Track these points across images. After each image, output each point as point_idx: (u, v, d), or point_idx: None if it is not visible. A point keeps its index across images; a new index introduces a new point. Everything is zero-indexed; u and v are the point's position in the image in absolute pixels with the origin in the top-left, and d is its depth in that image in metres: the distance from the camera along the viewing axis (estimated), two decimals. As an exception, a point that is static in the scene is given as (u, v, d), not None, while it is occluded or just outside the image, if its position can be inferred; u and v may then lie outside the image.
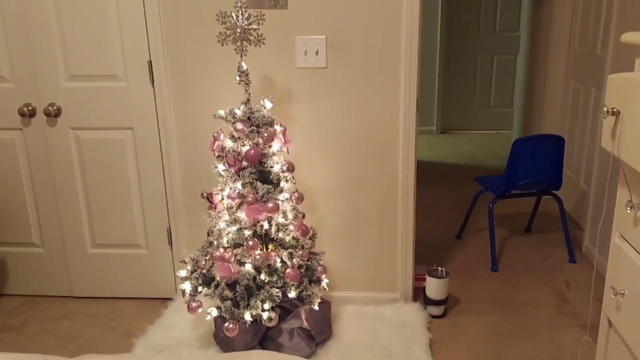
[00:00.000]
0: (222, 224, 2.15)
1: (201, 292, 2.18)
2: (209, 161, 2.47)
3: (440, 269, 2.59)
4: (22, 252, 2.76)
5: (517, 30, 5.80)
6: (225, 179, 2.15)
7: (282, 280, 2.13)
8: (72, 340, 2.45)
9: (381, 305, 2.57)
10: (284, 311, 2.22)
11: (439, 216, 3.78)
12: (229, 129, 2.13)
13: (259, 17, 2.07)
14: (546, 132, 3.90)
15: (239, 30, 2.07)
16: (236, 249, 2.11)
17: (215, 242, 2.16)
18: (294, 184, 2.21)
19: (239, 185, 2.10)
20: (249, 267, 2.10)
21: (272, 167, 2.14)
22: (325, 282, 2.28)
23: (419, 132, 4.60)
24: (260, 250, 2.13)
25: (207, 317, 2.16)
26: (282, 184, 2.15)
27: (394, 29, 2.29)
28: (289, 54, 2.35)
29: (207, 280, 2.18)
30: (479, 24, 5.88)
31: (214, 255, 2.08)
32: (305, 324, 2.21)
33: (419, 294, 2.64)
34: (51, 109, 2.50)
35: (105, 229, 2.68)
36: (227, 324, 2.07)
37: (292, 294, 2.15)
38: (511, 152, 2.92)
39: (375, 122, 2.41)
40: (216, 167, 2.16)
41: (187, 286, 2.17)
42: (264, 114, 2.12)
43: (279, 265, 2.14)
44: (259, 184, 2.09)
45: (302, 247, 2.16)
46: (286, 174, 2.16)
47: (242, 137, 2.10)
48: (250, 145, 2.09)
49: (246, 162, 2.11)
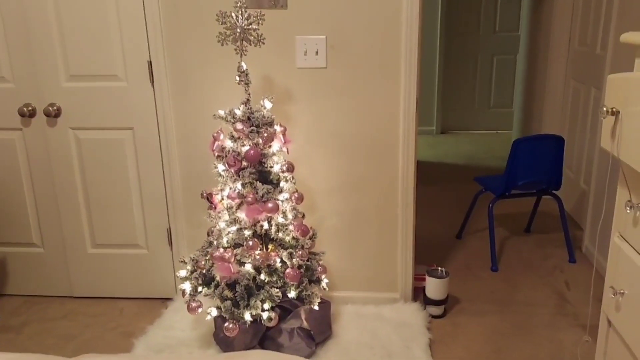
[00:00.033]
0: (222, 224, 2.15)
1: (201, 292, 2.18)
2: (208, 161, 2.47)
3: (440, 269, 2.59)
4: (22, 252, 2.76)
5: (517, 30, 5.80)
6: (225, 179, 2.15)
7: (282, 280, 2.14)
8: (72, 340, 2.45)
9: (381, 305, 2.57)
10: (284, 311, 2.22)
11: (438, 216, 3.78)
12: (229, 129, 2.13)
13: (258, 17, 2.07)
14: (546, 132, 3.90)
15: (238, 30, 2.07)
16: (236, 249, 2.11)
17: (215, 242, 2.16)
18: (294, 184, 2.21)
19: (239, 185, 2.10)
20: (248, 267, 2.10)
21: (272, 167, 2.14)
22: (325, 282, 2.28)
23: (419, 132, 4.60)
24: (260, 250, 2.13)
25: (207, 317, 2.17)
26: (282, 184, 2.15)
27: (394, 29, 2.29)
28: (288, 54, 2.35)
29: (207, 280, 2.18)
30: (479, 24, 5.88)
31: (213, 255, 2.08)
32: (305, 324, 2.21)
33: (418, 294, 2.64)
34: (51, 109, 2.50)
35: (105, 229, 2.68)
36: (227, 324, 2.07)
37: (292, 294, 2.15)
38: (511, 152, 2.92)
39: (375, 122, 2.41)
40: (216, 167, 2.17)
41: (187, 286, 2.17)
42: (264, 114, 2.12)
43: (278, 265, 2.14)
44: (259, 184, 2.09)
45: (302, 247, 2.16)
46: (286, 174, 2.16)
47: (242, 137, 2.10)
48: (250, 145, 2.09)
49: (246, 162, 2.11)
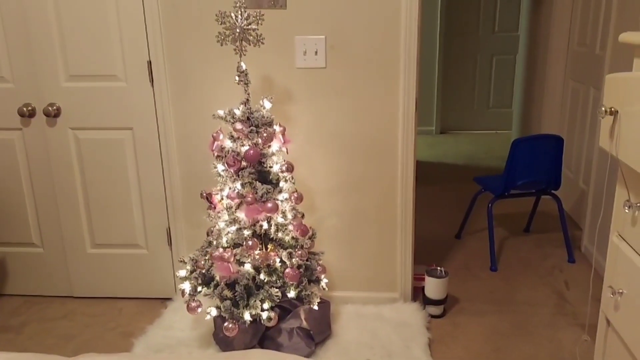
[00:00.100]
0: (221, 224, 2.15)
1: (200, 291, 2.18)
2: (208, 161, 2.47)
3: (439, 268, 2.59)
4: (22, 252, 2.76)
5: (516, 30, 5.81)
6: (224, 179, 2.15)
7: (281, 280, 2.14)
8: (72, 340, 2.45)
9: (380, 305, 2.58)
10: (283, 311, 2.22)
11: (438, 216, 3.78)
12: (228, 129, 2.13)
13: (258, 17, 2.07)
14: (545, 132, 3.90)
15: (238, 30, 2.08)
16: (235, 249, 2.12)
17: (214, 242, 2.16)
18: (293, 184, 2.21)
19: (239, 185, 2.10)
20: (248, 267, 2.11)
21: (271, 167, 2.14)
22: (324, 281, 2.28)
23: (418, 132, 4.61)
24: (259, 250, 2.13)
25: (206, 317, 2.17)
26: (282, 184, 2.16)
27: (393, 29, 2.29)
28: (288, 54, 2.36)
29: (207, 280, 2.18)
30: (478, 25, 5.88)
31: (213, 255, 2.08)
32: (304, 324, 2.21)
33: (418, 294, 2.65)
34: (51, 109, 2.50)
35: (104, 229, 2.68)
36: (226, 324, 2.07)
37: (292, 294, 2.15)
38: (510, 152, 2.92)
39: (374, 122, 2.41)
40: (215, 167, 2.17)
41: (186, 286, 2.17)
42: (263, 114, 2.12)
43: (278, 265, 2.14)
44: (258, 184, 2.10)
45: (302, 247, 2.17)
46: (285, 174, 2.16)
47: (241, 137, 2.10)
48: (249, 145, 2.09)
49: (245, 162, 2.11)
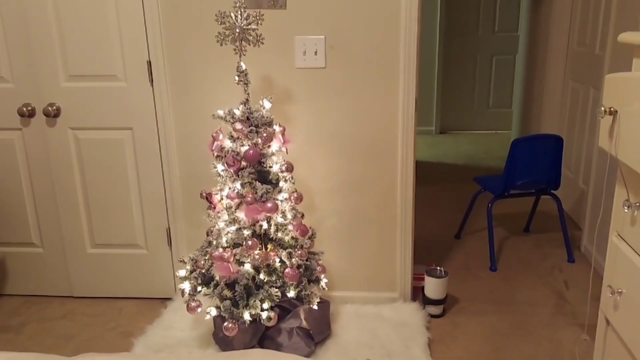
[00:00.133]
0: (221, 224, 2.15)
1: (200, 291, 2.18)
2: (208, 161, 2.47)
3: (439, 268, 2.59)
4: (21, 252, 2.76)
5: (516, 30, 5.81)
6: (224, 179, 2.15)
7: (281, 279, 2.14)
8: (71, 340, 2.45)
9: (380, 304, 2.58)
10: (283, 311, 2.22)
11: (438, 216, 3.78)
12: (228, 129, 2.14)
13: (258, 17, 2.08)
14: (545, 132, 3.91)
15: (237, 30, 2.08)
16: (235, 249, 2.12)
17: (214, 242, 2.16)
18: (293, 183, 2.21)
19: (238, 185, 2.10)
20: (248, 266, 2.11)
21: (271, 167, 2.14)
22: (324, 281, 2.28)
23: (418, 132, 4.60)
24: (259, 250, 2.13)
25: (206, 317, 2.17)
26: (281, 184, 2.16)
27: (393, 29, 2.30)
28: (288, 54, 2.36)
29: (207, 280, 2.18)
30: (478, 25, 5.89)
31: (213, 255, 2.08)
32: (304, 324, 2.21)
33: (417, 294, 2.65)
34: (50, 109, 2.50)
35: (104, 229, 2.68)
36: (226, 324, 2.07)
37: (291, 294, 2.15)
38: (510, 152, 2.92)
39: (374, 122, 2.41)
40: (215, 167, 2.17)
41: (186, 286, 2.17)
42: (263, 114, 2.12)
43: (278, 264, 2.14)
44: (258, 184, 2.10)
45: (301, 246, 2.17)
46: (285, 174, 2.17)
47: (241, 137, 2.10)
48: (249, 145, 2.09)
49: (245, 162, 2.11)
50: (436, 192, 4.27)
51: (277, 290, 2.10)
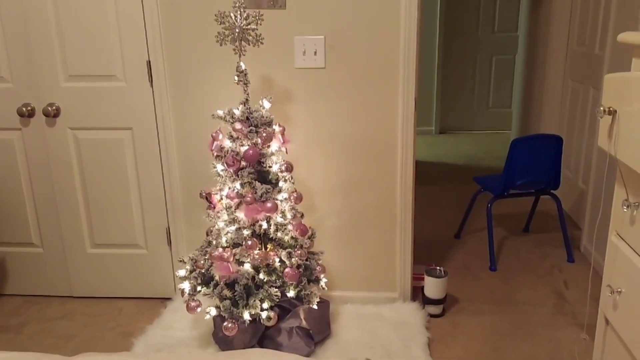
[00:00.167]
0: (221, 224, 2.16)
1: (200, 291, 2.18)
2: (207, 161, 2.48)
3: (438, 268, 2.59)
4: (21, 252, 2.76)
5: (516, 30, 5.81)
6: (224, 178, 2.15)
7: (280, 279, 2.14)
8: (71, 340, 2.45)
9: (380, 304, 2.58)
10: (283, 310, 2.22)
11: (437, 216, 3.78)
12: (228, 129, 2.14)
13: (257, 17, 2.08)
14: (544, 132, 3.91)
15: (237, 30, 2.08)
16: (235, 249, 2.12)
17: (214, 242, 2.17)
18: (293, 183, 2.22)
19: (238, 185, 2.10)
20: (247, 266, 2.11)
21: (270, 167, 2.14)
22: (324, 281, 2.28)
23: (418, 132, 4.60)
24: (259, 249, 2.13)
25: (206, 317, 2.17)
26: (281, 184, 2.16)
27: (393, 29, 2.30)
28: (287, 54, 2.36)
29: (206, 279, 2.18)
30: (478, 25, 5.89)
31: (212, 254, 2.09)
32: (304, 323, 2.21)
33: (417, 294, 2.65)
34: (50, 109, 2.50)
35: (104, 229, 2.68)
36: (226, 323, 2.08)
37: (291, 294, 2.16)
38: (509, 152, 2.92)
39: (374, 122, 2.41)
40: (215, 167, 2.17)
41: (186, 286, 2.17)
42: (263, 114, 2.12)
43: (277, 264, 2.14)
44: (258, 183, 2.10)
45: (301, 246, 2.17)
46: (285, 174, 2.17)
47: (240, 137, 2.10)
48: (248, 145, 2.09)
49: (245, 162, 2.11)
50: (436, 192, 4.27)
51: (276, 290, 2.11)
